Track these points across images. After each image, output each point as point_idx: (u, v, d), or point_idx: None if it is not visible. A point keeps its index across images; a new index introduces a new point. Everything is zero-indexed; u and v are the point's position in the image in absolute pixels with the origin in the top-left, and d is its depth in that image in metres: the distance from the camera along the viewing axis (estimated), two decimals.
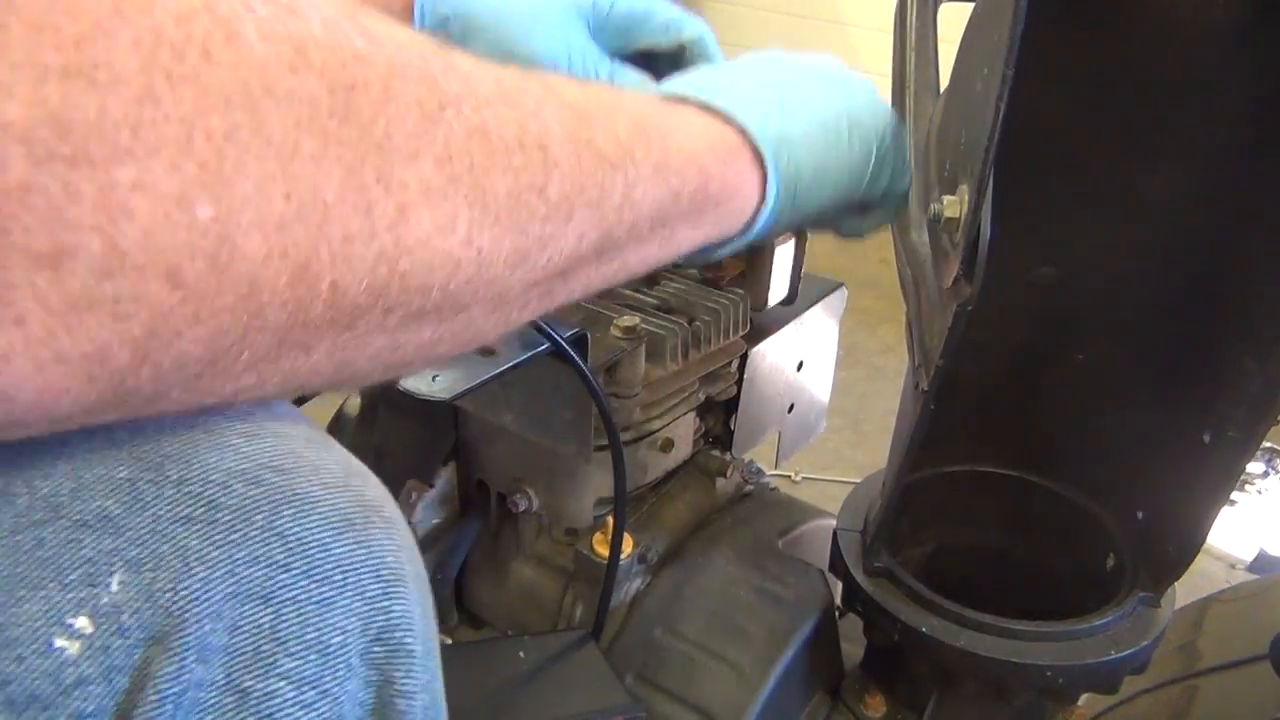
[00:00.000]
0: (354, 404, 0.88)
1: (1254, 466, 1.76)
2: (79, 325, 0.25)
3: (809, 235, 0.75)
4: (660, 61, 0.67)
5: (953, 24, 0.58)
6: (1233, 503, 1.72)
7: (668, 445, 0.74)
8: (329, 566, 0.32)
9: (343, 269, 0.29)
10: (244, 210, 0.26)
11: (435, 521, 0.78)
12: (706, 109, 0.49)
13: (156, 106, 0.24)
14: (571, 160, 0.37)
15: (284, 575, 0.31)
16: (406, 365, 0.36)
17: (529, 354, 0.60)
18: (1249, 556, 1.66)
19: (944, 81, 0.59)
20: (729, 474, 0.80)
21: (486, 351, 0.60)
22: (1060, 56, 0.55)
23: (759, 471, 0.85)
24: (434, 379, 0.58)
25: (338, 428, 0.89)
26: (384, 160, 0.30)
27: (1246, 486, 1.75)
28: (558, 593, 0.76)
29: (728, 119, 0.49)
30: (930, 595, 0.64)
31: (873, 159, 0.56)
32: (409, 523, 0.73)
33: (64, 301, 0.24)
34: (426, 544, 0.77)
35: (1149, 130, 0.59)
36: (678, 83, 0.52)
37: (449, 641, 0.81)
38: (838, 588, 0.70)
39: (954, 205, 0.47)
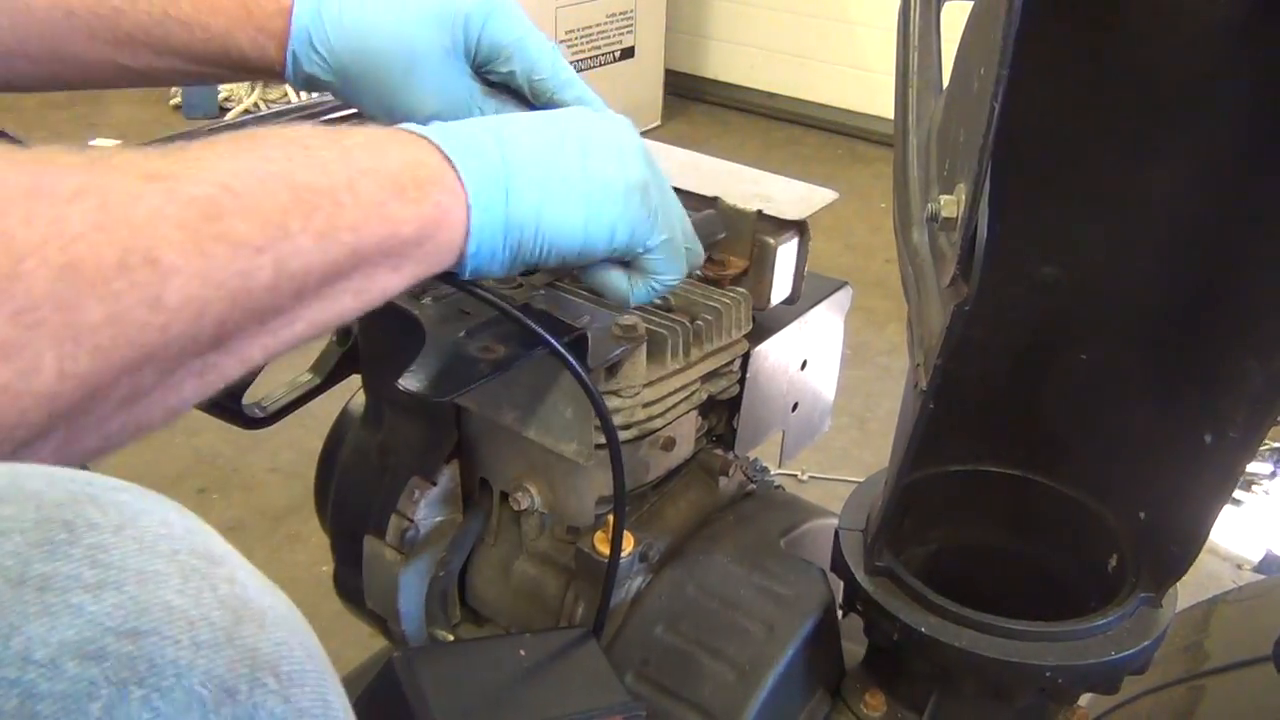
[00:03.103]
0: (358, 403, 0.88)
1: (1261, 467, 1.75)
2: None
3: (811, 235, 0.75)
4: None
5: (957, 24, 0.58)
6: (1239, 503, 1.72)
7: (669, 444, 0.74)
8: None
9: None
10: None
11: (438, 519, 0.78)
12: (419, 138, 0.50)
13: None
14: (196, 260, 0.38)
15: None
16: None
17: (529, 352, 0.60)
18: (1256, 557, 1.66)
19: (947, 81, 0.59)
20: (731, 473, 0.80)
21: (488, 350, 0.60)
22: (1061, 55, 0.55)
23: (764, 470, 0.85)
24: None
25: (342, 427, 0.90)
26: None
27: (1253, 487, 1.74)
28: (559, 590, 0.76)
29: (436, 148, 0.49)
30: (930, 595, 0.64)
31: (637, 205, 0.55)
32: (414, 521, 0.74)
33: None
34: (430, 541, 0.78)
35: (1150, 129, 0.59)
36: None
37: (451, 639, 0.81)
38: (839, 587, 0.70)
39: (951, 205, 0.47)
